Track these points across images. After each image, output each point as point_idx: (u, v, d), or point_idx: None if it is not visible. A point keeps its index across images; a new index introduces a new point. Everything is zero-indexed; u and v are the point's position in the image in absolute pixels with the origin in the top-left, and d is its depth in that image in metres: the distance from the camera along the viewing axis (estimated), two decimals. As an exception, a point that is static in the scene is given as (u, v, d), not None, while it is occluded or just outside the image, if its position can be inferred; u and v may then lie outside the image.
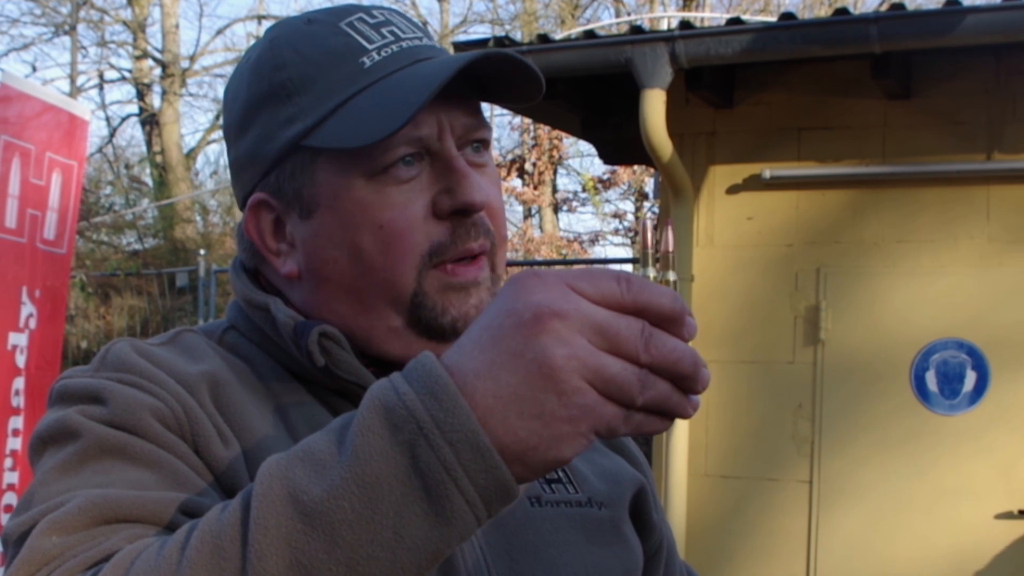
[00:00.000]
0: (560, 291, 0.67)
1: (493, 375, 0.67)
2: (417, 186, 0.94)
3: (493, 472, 0.67)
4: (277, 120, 0.96)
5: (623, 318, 0.68)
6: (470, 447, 0.66)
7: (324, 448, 0.69)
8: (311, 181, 0.96)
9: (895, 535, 4.68)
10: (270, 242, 1.00)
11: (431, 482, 0.67)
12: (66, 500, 0.80)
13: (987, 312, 4.61)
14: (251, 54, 1.01)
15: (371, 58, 0.95)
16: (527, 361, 0.66)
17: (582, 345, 0.66)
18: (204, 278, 9.16)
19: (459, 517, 0.67)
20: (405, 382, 0.69)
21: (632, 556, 1.07)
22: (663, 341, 0.68)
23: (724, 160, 5.03)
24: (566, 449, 0.67)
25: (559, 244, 15.38)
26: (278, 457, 0.71)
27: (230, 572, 0.68)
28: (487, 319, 0.69)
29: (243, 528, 0.68)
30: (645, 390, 0.68)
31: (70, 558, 0.76)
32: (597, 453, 1.12)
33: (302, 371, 0.98)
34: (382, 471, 0.67)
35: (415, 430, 0.67)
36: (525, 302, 0.67)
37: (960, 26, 4.15)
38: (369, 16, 0.98)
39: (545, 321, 0.66)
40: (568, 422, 0.67)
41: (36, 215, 4.24)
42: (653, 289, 0.69)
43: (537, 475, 0.69)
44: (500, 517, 0.97)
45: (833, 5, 14.49)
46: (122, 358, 0.92)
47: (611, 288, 0.68)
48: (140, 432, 0.86)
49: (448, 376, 0.68)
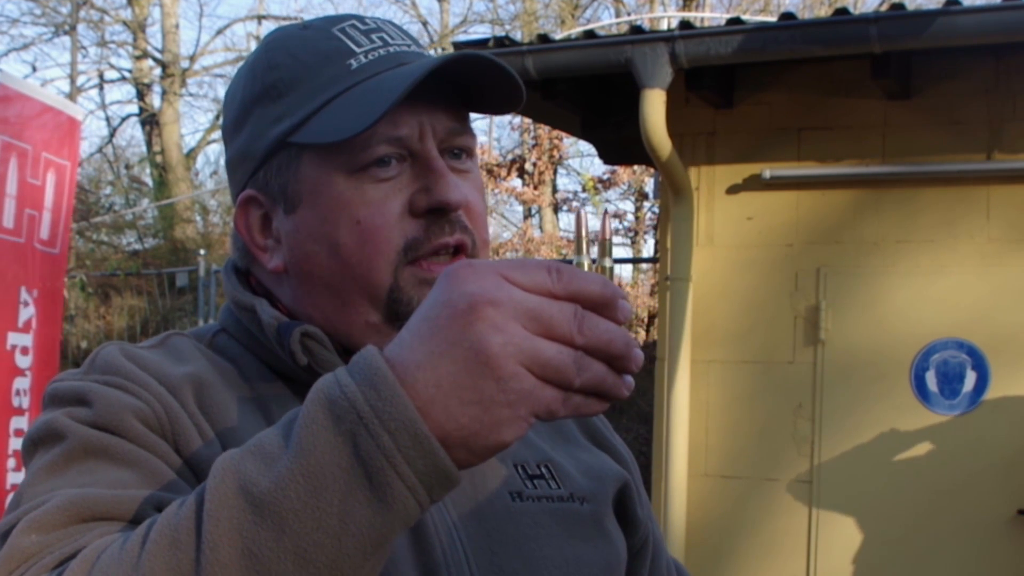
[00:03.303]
0: (493, 280, 0.70)
1: (432, 365, 0.69)
2: (396, 185, 0.97)
3: (431, 458, 0.69)
4: (267, 118, 1.00)
5: (555, 303, 0.70)
6: (409, 435, 0.68)
7: (273, 441, 0.72)
8: (295, 177, 0.99)
9: (895, 535, 4.68)
10: (258, 238, 1.03)
11: (372, 469, 0.69)
12: (47, 500, 0.83)
13: (987, 312, 4.61)
14: (249, 58, 1.06)
15: (358, 60, 0.99)
16: (464, 350, 0.68)
17: (517, 331, 0.69)
18: (204, 278, 9.17)
19: (400, 502, 0.70)
20: (348, 375, 0.71)
21: (614, 551, 1.08)
22: (595, 323, 0.71)
23: (724, 160, 5.02)
24: (507, 433, 0.69)
25: (559, 244, 15.36)
26: (232, 452, 0.74)
27: (186, 563, 0.70)
28: (424, 311, 0.72)
29: (197, 520, 0.71)
30: (581, 372, 0.70)
31: (46, 555, 0.79)
32: (581, 449, 1.14)
33: (287, 370, 1.01)
34: (325, 460, 0.69)
35: (355, 420, 0.69)
36: (460, 292, 0.70)
37: (960, 26, 4.15)
38: (362, 23, 1.02)
39: (480, 310, 0.68)
40: (507, 407, 0.69)
41: (33, 215, 4.24)
42: (583, 276, 0.71)
43: (481, 459, 0.71)
44: (481, 512, 0.99)
45: (833, 5, 14.49)
46: (109, 361, 0.96)
47: (542, 277, 0.71)
48: (122, 433, 0.90)
49: (388, 368, 0.70)
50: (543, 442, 1.09)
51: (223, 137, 1.08)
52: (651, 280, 10.16)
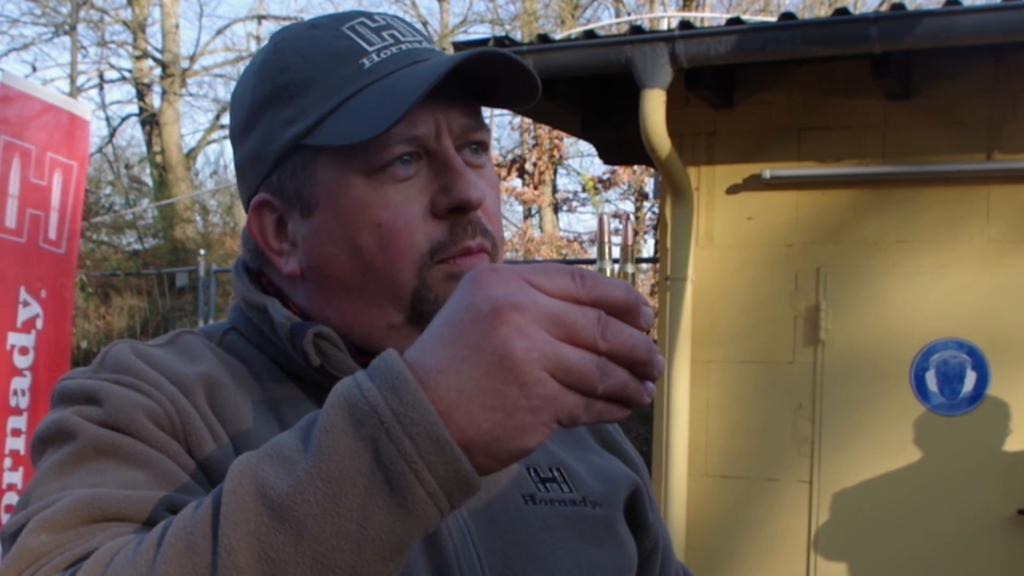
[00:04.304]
0: (517, 285, 0.69)
1: (455, 369, 0.68)
2: (415, 185, 0.96)
3: (453, 464, 0.68)
4: (279, 121, 0.98)
5: (579, 308, 0.70)
6: (430, 440, 0.68)
7: (291, 445, 0.71)
8: (311, 180, 0.97)
9: (895, 535, 4.68)
10: (272, 242, 1.02)
11: (393, 475, 0.68)
12: (57, 499, 0.82)
13: (987, 312, 4.61)
14: (257, 58, 1.04)
15: (371, 59, 0.97)
16: (488, 354, 0.68)
17: (541, 336, 0.68)
18: (204, 278, 9.17)
19: (421, 508, 0.69)
20: (368, 379, 0.70)
21: (625, 555, 1.08)
22: (619, 329, 0.70)
23: (724, 160, 5.03)
24: (529, 439, 0.69)
25: (559, 244, 15.37)
26: (249, 455, 0.73)
27: (202, 566, 0.69)
28: (447, 314, 0.71)
29: (214, 523, 0.70)
30: (604, 378, 0.70)
31: (57, 556, 0.78)
32: (592, 453, 1.13)
33: (299, 371, 0.99)
34: (345, 465, 0.68)
35: (376, 424, 0.68)
36: (484, 296, 0.69)
37: (960, 26, 4.15)
38: (371, 20, 1.00)
39: (504, 314, 0.68)
40: (530, 412, 0.68)
41: (37, 215, 4.24)
42: (606, 282, 0.71)
43: (503, 465, 0.70)
44: (494, 515, 0.98)
45: (833, 5, 14.49)
46: (120, 359, 0.95)
47: (566, 282, 0.70)
48: (133, 432, 0.89)
49: (409, 371, 0.69)
50: (555, 445, 1.09)
51: (231, 139, 1.06)
52: (651, 280, 10.18)
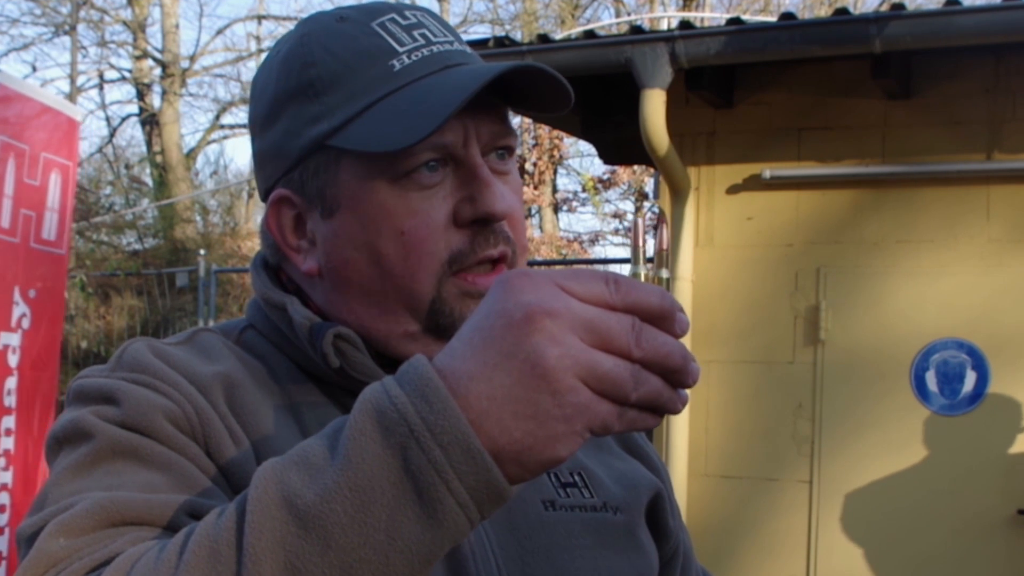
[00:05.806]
0: (550, 290, 0.67)
1: (486, 377, 0.66)
2: (440, 192, 0.94)
3: (484, 474, 0.66)
4: (304, 117, 0.96)
5: (613, 315, 0.68)
6: (461, 449, 0.66)
7: (318, 452, 0.69)
8: (334, 181, 0.95)
9: (895, 535, 4.68)
10: (291, 238, 1.00)
11: (422, 484, 0.66)
12: (75, 502, 0.81)
13: (987, 312, 4.61)
14: (281, 47, 1.00)
15: (401, 61, 0.94)
16: (520, 361, 0.66)
17: (574, 343, 0.66)
18: (204, 278, 9.16)
19: (451, 519, 0.67)
20: (397, 385, 0.68)
21: (647, 561, 1.06)
22: (653, 336, 0.68)
23: (724, 160, 5.02)
24: (562, 448, 0.67)
25: (559, 244, 15.38)
26: (274, 461, 0.71)
27: (226, 575, 0.68)
28: (478, 320, 0.69)
29: (239, 532, 0.68)
30: (638, 386, 0.67)
31: (75, 560, 0.76)
32: (614, 457, 1.11)
33: (318, 371, 0.98)
34: (374, 474, 0.66)
35: (406, 433, 0.66)
36: (516, 302, 0.67)
37: (960, 26, 4.15)
38: (402, 17, 0.97)
39: (536, 320, 0.66)
40: (563, 421, 0.66)
41: (30, 215, 4.24)
42: (641, 288, 0.69)
43: (533, 475, 0.68)
44: (513, 521, 0.97)
45: (833, 5, 14.49)
46: (137, 358, 0.93)
47: (600, 288, 0.68)
48: (152, 434, 0.87)
49: (439, 379, 0.67)
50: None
51: (250, 127, 1.04)
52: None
